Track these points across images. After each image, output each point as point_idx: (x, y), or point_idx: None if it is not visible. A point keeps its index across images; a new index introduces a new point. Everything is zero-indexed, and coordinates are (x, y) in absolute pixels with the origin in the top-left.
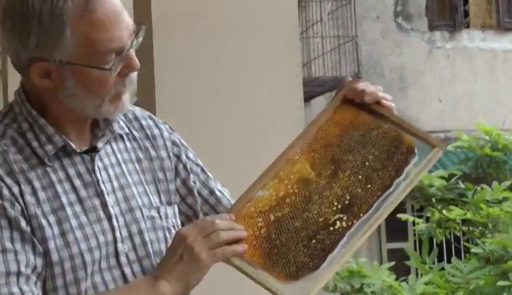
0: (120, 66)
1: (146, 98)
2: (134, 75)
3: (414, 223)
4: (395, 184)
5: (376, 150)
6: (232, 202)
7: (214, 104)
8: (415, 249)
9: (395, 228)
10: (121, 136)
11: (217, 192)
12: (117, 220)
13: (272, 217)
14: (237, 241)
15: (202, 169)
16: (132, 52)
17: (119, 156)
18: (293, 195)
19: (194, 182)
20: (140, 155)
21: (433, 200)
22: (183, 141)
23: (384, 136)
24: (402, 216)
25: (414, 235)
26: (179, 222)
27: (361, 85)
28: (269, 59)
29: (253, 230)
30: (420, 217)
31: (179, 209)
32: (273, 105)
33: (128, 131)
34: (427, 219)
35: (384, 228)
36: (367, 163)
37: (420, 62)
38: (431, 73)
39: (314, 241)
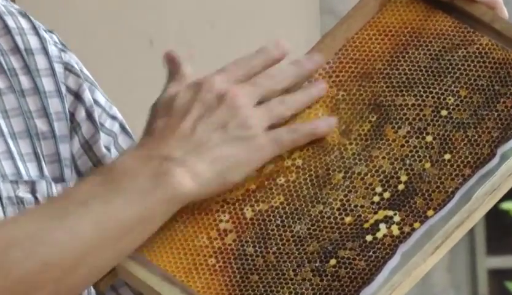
0: None
1: None
2: None
3: None
4: (499, 153)
5: (463, 87)
6: None
7: None
8: None
9: (503, 229)
10: None
11: None
12: None
13: (249, 213)
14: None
15: (122, 126)
16: None
17: None
18: (292, 172)
19: (108, 149)
20: (0, 83)
21: None
22: (85, 70)
23: (479, 60)
24: None
25: None
26: None
27: None
28: None
29: (209, 238)
30: None
31: None
32: None
33: None
34: None
35: (482, 230)
36: (444, 112)
37: None
38: None
39: (333, 261)
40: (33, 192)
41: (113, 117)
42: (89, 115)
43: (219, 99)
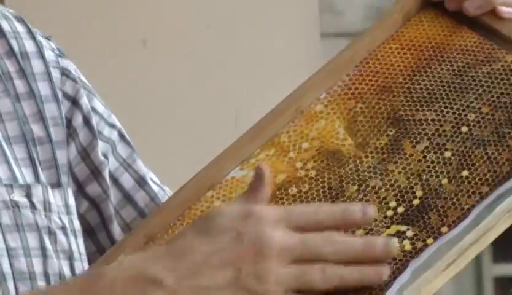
0: None
1: None
2: None
3: None
4: None
5: (486, 104)
6: None
7: None
8: None
9: (509, 236)
10: None
11: (151, 183)
12: None
13: None
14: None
15: (121, 135)
16: None
17: None
18: (304, 183)
19: (106, 156)
20: None
21: None
22: (83, 77)
23: (503, 77)
24: None
25: None
26: (77, 225)
27: None
28: None
29: None
30: None
31: None
32: None
33: None
34: None
35: None
36: (464, 128)
37: None
38: None
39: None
40: (28, 195)
41: (112, 125)
42: (87, 122)
43: (254, 240)
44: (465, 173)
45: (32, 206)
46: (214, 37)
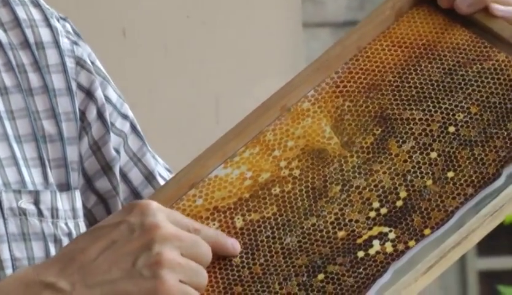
0: None
1: None
2: None
3: None
4: (505, 173)
5: (475, 104)
6: None
7: None
8: None
9: (494, 229)
10: None
11: (159, 178)
12: None
13: (239, 222)
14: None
15: (133, 126)
16: None
17: None
18: (288, 182)
19: (117, 151)
20: (7, 81)
21: None
22: (98, 62)
23: (494, 77)
24: None
25: None
26: (83, 229)
27: None
28: None
29: None
30: None
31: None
32: None
33: None
34: None
35: None
36: (452, 128)
37: None
38: None
39: (321, 276)
40: (36, 202)
41: (124, 116)
42: (101, 115)
43: (145, 226)
44: (450, 174)
45: (40, 213)
46: (194, 27)
